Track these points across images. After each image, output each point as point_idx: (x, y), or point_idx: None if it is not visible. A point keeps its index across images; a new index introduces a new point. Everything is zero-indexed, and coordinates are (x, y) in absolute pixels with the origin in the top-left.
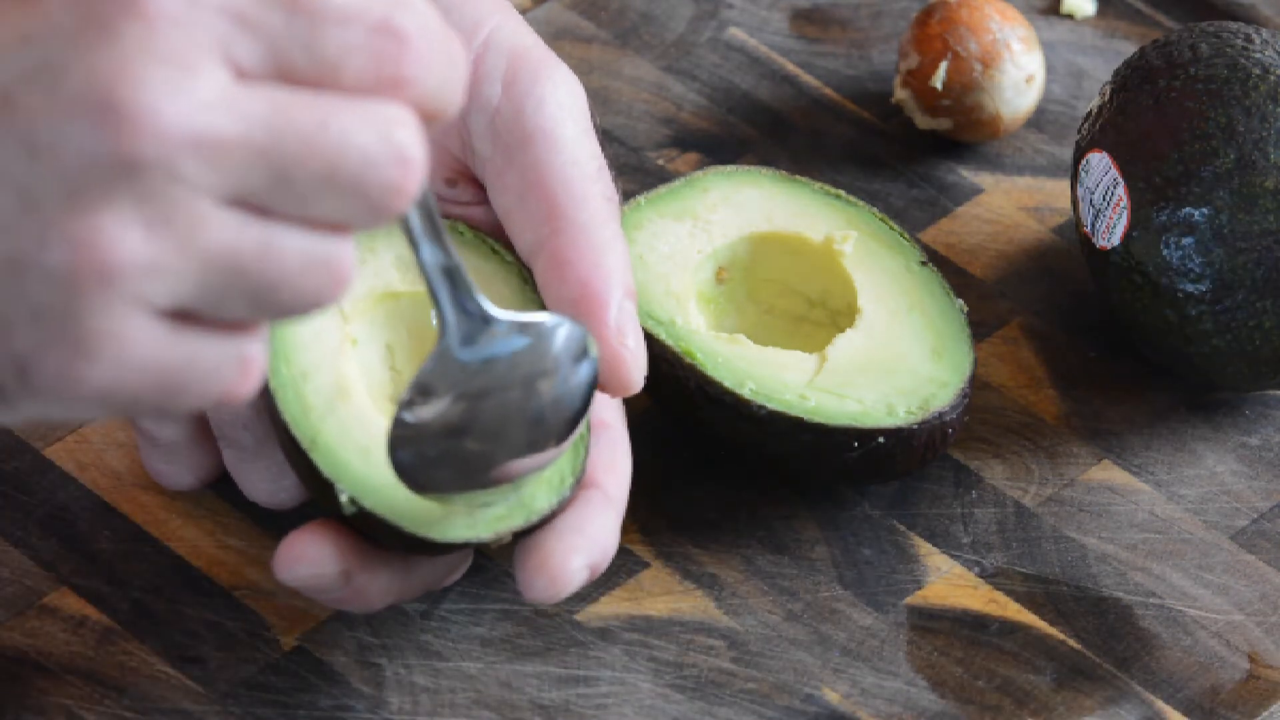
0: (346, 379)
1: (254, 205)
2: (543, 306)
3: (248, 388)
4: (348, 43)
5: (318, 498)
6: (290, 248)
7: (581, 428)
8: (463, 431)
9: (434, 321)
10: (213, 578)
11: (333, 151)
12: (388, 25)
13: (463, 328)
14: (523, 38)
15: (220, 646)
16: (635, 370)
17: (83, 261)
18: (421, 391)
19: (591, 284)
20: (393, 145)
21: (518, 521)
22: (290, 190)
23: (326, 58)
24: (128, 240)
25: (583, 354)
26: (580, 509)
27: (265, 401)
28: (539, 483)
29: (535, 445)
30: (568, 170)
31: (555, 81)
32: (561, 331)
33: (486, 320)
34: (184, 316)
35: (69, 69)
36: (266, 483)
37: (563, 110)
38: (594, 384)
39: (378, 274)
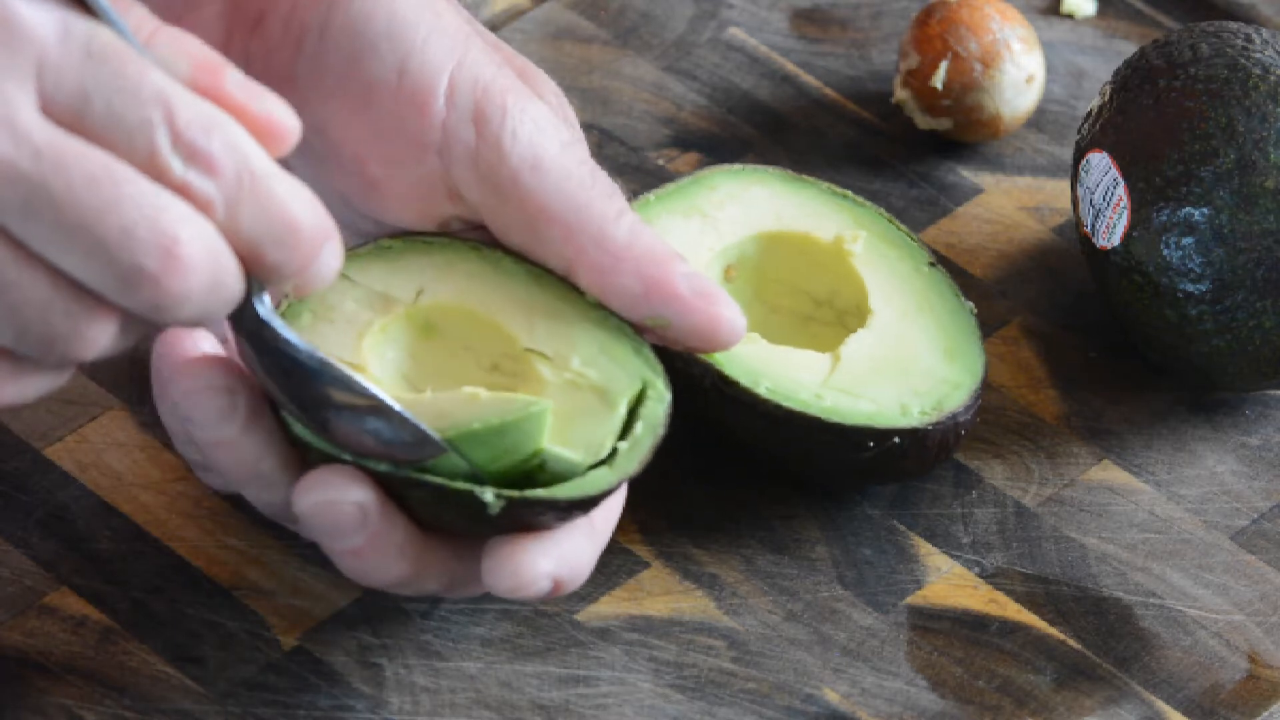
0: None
1: (5, 232)
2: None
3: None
4: (150, 124)
5: (445, 519)
6: (34, 290)
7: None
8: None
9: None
10: (213, 578)
11: (91, 209)
12: (195, 148)
13: None
14: (482, 71)
15: (220, 646)
16: (736, 319)
17: None
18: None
19: (648, 275)
20: (159, 232)
21: (647, 442)
22: (37, 229)
23: (124, 128)
24: None
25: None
26: (561, 529)
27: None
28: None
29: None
30: (563, 187)
31: (522, 108)
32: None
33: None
34: None
35: None
36: None
37: (539, 134)
38: None
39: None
